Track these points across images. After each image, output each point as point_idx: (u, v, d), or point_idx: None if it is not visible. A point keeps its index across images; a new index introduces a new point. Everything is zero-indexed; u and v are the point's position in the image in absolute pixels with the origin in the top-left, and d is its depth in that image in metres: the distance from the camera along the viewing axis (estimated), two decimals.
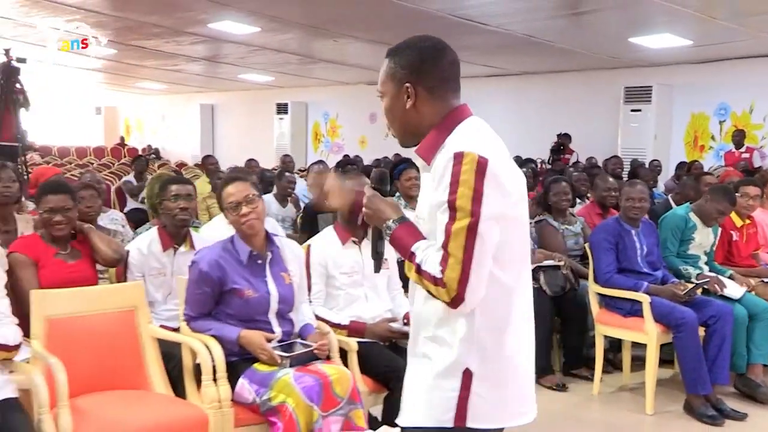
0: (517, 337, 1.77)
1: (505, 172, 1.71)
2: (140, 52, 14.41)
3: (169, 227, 3.67)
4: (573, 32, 9.87)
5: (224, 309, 3.05)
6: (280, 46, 12.78)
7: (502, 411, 1.77)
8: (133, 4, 10.27)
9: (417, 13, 9.12)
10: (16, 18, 12.06)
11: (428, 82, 1.80)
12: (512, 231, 1.74)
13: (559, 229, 5.12)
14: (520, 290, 1.79)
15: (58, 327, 2.90)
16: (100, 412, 2.71)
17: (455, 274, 1.64)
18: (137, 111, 23.60)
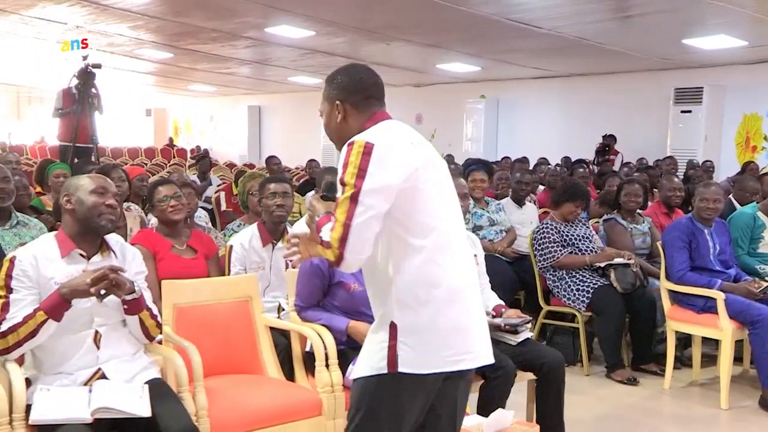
0: (444, 294, 2.03)
1: (396, 153, 2.02)
2: (195, 56, 14.80)
3: (268, 224, 3.92)
4: (625, 34, 9.94)
5: (331, 301, 3.28)
6: (331, 50, 13.02)
7: (430, 358, 2.03)
8: (194, 10, 10.58)
9: (472, 16, 9.30)
10: (83, 25, 12.51)
11: (353, 99, 2.17)
12: (413, 201, 2.02)
13: (627, 228, 5.27)
14: (443, 255, 2.05)
15: (183, 314, 3.15)
16: (226, 393, 2.94)
17: (337, 234, 1.96)
18: (186, 112, 24.10)
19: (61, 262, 2.66)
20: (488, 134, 14.64)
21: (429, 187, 2.08)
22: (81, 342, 2.66)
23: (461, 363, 2.07)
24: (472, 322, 2.11)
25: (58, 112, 8.81)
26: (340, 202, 1.99)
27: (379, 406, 2.08)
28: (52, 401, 2.44)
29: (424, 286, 2.03)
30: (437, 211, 2.09)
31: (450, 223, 2.13)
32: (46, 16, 12.05)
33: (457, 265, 2.10)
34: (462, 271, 2.11)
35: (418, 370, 2.02)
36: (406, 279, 2.03)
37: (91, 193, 2.68)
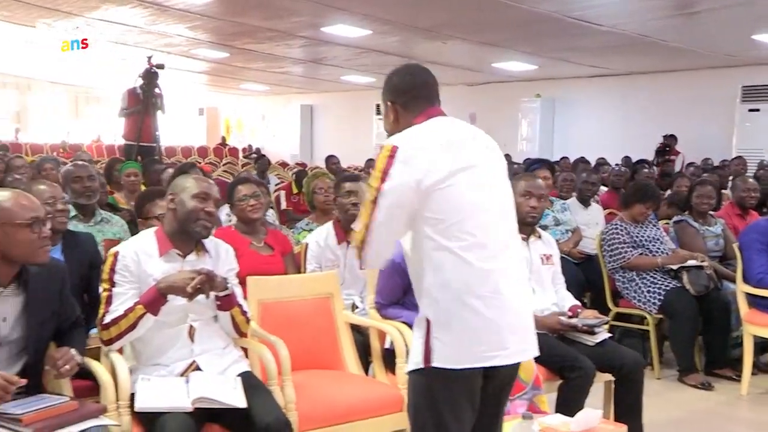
0: (477, 292, 2.06)
1: (421, 155, 2.06)
2: (250, 55, 14.98)
3: (343, 222, 3.96)
4: (689, 31, 9.76)
5: (412, 299, 3.26)
6: (385, 48, 13.06)
7: (462, 354, 2.06)
8: (253, 10, 10.71)
9: (532, 15, 9.23)
10: (142, 26, 12.79)
11: (402, 99, 2.24)
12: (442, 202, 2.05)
13: (699, 231, 5.17)
14: (478, 256, 2.07)
15: (268, 310, 3.21)
16: (311, 388, 2.98)
17: (360, 236, 2.08)
18: (237, 111, 24.40)
19: (159, 260, 2.74)
20: (544, 134, 14.52)
21: (462, 188, 2.09)
22: (177, 335, 2.73)
23: (495, 359, 2.10)
24: (510, 320, 2.12)
25: (124, 111, 9.04)
26: (365, 205, 2.09)
27: (423, 400, 2.14)
28: (154, 390, 2.52)
29: (456, 285, 2.06)
30: (472, 213, 2.10)
31: (489, 225, 2.12)
32: (109, 17, 12.36)
33: (496, 266, 2.10)
34: (501, 273, 2.11)
35: (451, 365, 2.07)
36: (439, 277, 2.08)
37: (193, 198, 2.74)
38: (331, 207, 4.77)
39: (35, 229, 2.34)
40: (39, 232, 2.35)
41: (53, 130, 22.44)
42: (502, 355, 2.10)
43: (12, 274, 2.40)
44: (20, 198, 2.37)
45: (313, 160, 19.66)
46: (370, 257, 2.07)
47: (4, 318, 2.39)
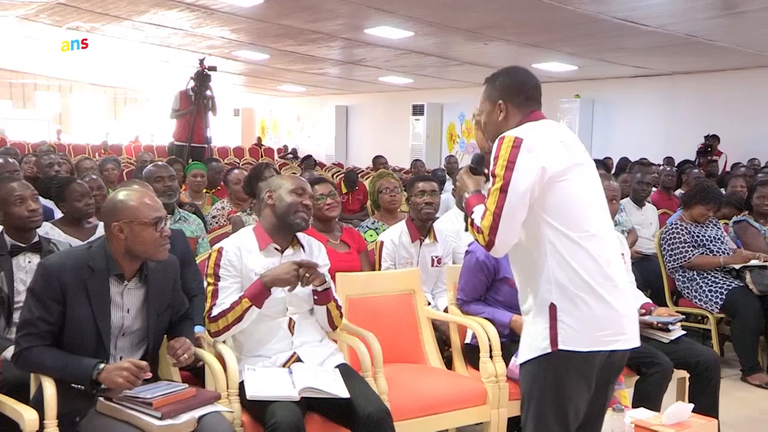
0: (599, 280, 2.18)
1: (543, 148, 2.16)
2: (290, 57, 15.16)
3: (416, 221, 4.06)
4: (738, 30, 9.71)
5: (494, 295, 3.39)
6: (426, 50, 13.15)
7: (587, 336, 2.17)
8: (299, 12, 10.85)
9: (578, 16, 9.26)
10: (188, 29, 13.03)
11: (514, 99, 2.33)
12: (562, 195, 2.17)
13: (760, 231, 5.20)
14: (596, 246, 2.19)
15: (354, 305, 3.32)
16: (399, 380, 3.08)
17: (488, 222, 2.16)
18: (273, 112, 24.65)
19: (260, 255, 2.88)
20: (583, 134, 14.45)
21: (576, 185, 2.21)
22: (278, 328, 2.86)
23: (616, 343, 2.21)
24: (624, 308, 2.24)
25: (175, 113, 9.21)
26: (491, 192, 2.18)
27: (545, 386, 2.22)
28: (261, 380, 2.64)
29: (582, 273, 2.17)
30: (587, 206, 2.24)
31: (598, 220, 2.26)
32: (156, 21, 12.61)
33: (610, 257, 2.24)
34: (614, 263, 2.25)
35: (577, 348, 2.17)
36: (564, 265, 2.18)
37: (291, 193, 2.88)
38: (397, 206, 4.90)
39: (158, 228, 2.47)
40: (161, 230, 2.48)
41: (92, 131, 22.89)
42: (622, 339, 2.22)
43: (135, 268, 2.54)
44: (145, 198, 2.51)
45: (348, 160, 19.82)
46: (500, 243, 2.16)
47: (128, 309, 2.53)
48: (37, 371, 2.43)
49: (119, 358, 2.51)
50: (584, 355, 2.18)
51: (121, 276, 2.51)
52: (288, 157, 19.35)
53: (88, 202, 3.86)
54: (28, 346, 2.40)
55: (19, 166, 5.06)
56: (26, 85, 23.65)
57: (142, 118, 25.44)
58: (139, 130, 23.82)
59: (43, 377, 2.39)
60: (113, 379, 2.33)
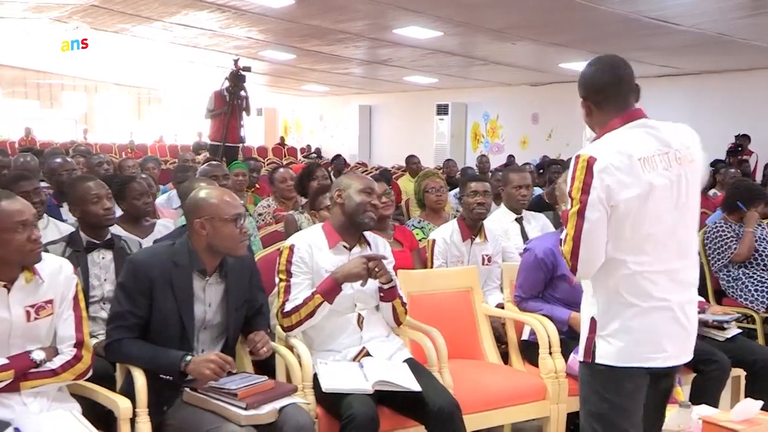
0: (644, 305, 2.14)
1: (612, 172, 2.08)
2: (316, 57, 15.23)
3: (468, 220, 4.12)
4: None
5: (552, 293, 3.44)
6: (452, 49, 13.18)
7: (625, 354, 2.17)
8: (328, 12, 10.91)
9: (610, 15, 9.26)
10: (216, 29, 13.14)
11: (593, 98, 2.25)
12: (625, 219, 2.10)
13: None
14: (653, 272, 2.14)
15: (415, 302, 3.37)
16: (462, 375, 3.13)
17: (569, 248, 2.13)
18: (295, 112, 24.77)
19: (329, 253, 2.95)
20: None
21: (647, 206, 2.13)
22: (347, 323, 2.93)
23: (653, 361, 2.19)
24: (672, 329, 2.20)
25: (210, 113, 9.31)
26: (570, 216, 2.15)
27: (587, 394, 2.28)
28: (335, 373, 2.71)
29: (626, 297, 2.16)
30: (650, 231, 2.15)
31: (668, 242, 2.17)
32: (186, 21, 12.73)
33: (670, 284, 2.18)
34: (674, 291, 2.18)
35: (611, 363, 2.19)
36: (610, 286, 2.18)
37: (360, 192, 2.95)
38: (443, 205, 4.95)
39: (237, 224, 2.55)
40: (241, 227, 2.56)
41: (117, 131, 23.14)
42: (660, 357, 2.20)
43: (216, 264, 2.62)
44: (225, 196, 2.60)
45: (371, 160, 19.88)
46: (582, 268, 2.13)
47: (210, 304, 2.61)
48: (127, 362, 2.52)
49: (201, 351, 2.59)
50: (618, 369, 2.18)
51: (203, 271, 2.59)
52: (312, 156, 19.44)
53: (146, 201, 3.95)
54: (119, 338, 2.49)
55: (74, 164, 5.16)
56: (53, 85, 23.93)
57: (166, 117, 25.66)
58: (163, 130, 24.03)
59: (132, 368, 2.48)
60: (201, 371, 2.41)
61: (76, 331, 2.42)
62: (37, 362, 2.33)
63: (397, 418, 2.78)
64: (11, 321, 2.30)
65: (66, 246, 3.07)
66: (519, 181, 4.44)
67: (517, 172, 4.58)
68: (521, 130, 16.78)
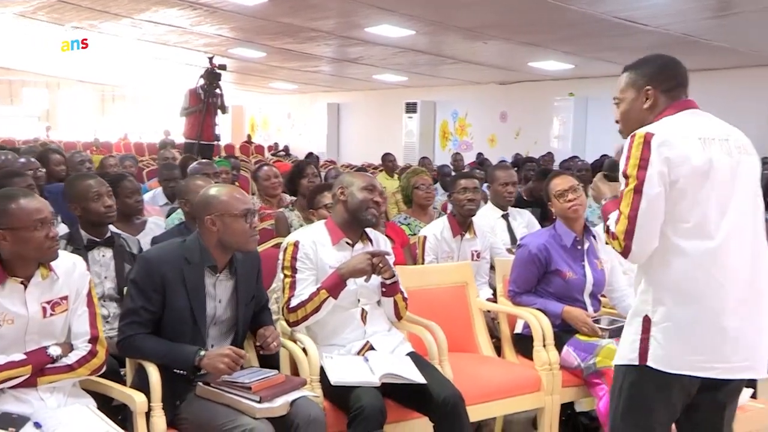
0: (700, 299, 2.01)
1: (672, 146, 2.02)
2: (287, 55, 15.19)
3: (458, 216, 4.20)
4: (734, 31, 9.93)
5: (545, 287, 3.52)
6: (423, 48, 13.27)
7: (681, 359, 2.03)
8: (302, 11, 10.89)
9: (580, 15, 9.41)
10: (187, 27, 13.04)
11: (664, 86, 2.23)
12: (684, 199, 2.01)
13: None
14: (712, 261, 2.02)
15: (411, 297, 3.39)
16: (460, 368, 3.20)
17: (623, 227, 2.02)
18: (263, 110, 24.67)
19: (332, 249, 3.00)
20: (577, 133, 14.70)
21: (706, 187, 2.03)
22: (351, 318, 2.98)
23: (711, 371, 2.05)
24: (739, 333, 2.04)
25: (185, 111, 9.25)
26: (624, 195, 2.04)
27: (629, 395, 2.14)
28: (342, 367, 2.76)
29: (686, 289, 2.03)
30: (711, 215, 2.03)
31: (727, 229, 2.04)
32: (156, 19, 12.61)
33: (731, 275, 2.04)
34: (736, 282, 2.05)
35: (664, 368, 2.05)
36: (667, 278, 2.04)
37: (362, 190, 3.00)
38: (431, 202, 5.02)
39: (247, 220, 2.58)
40: (251, 222, 2.59)
41: (80, 128, 22.78)
42: (720, 368, 2.05)
43: (226, 260, 2.65)
44: (234, 192, 2.64)
45: (340, 158, 19.89)
46: (638, 248, 2.01)
47: (220, 300, 2.65)
48: (141, 357, 2.54)
49: (210, 347, 2.62)
50: (671, 376, 2.05)
51: (214, 268, 2.62)
52: (280, 154, 19.41)
53: (138, 199, 3.95)
54: (132, 334, 2.51)
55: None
56: (13, 82, 23.46)
57: (131, 115, 25.35)
58: (128, 127, 23.74)
59: (146, 363, 2.51)
60: (215, 365, 2.45)
61: (91, 327, 2.44)
62: (54, 357, 2.35)
63: (402, 411, 2.84)
64: (28, 317, 2.31)
65: (66, 244, 3.07)
66: (505, 179, 4.55)
67: (504, 170, 4.68)
68: (490, 128, 16.95)
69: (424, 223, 4.75)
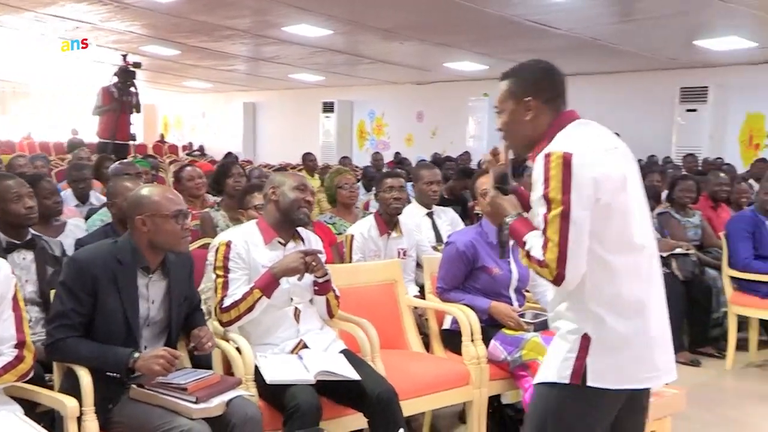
0: (635, 311, 2.00)
1: (592, 165, 1.94)
2: (202, 53, 14.91)
3: (384, 215, 4.25)
4: (636, 35, 10.38)
5: (473, 283, 3.61)
6: (340, 47, 13.30)
7: (618, 374, 2.00)
8: (219, 9, 10.73)
9: (495, 18, 9.67)
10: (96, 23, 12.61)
11: (545, 96, 2.10)
12: (609, 217, 1.96)
13: (681, 222, 5.68)
14: (635, 272, 2.01)
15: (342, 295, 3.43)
16: (391, 364, 3.23)
17: (553, 255, 1.92)
18: (175, 109, 24.14)
19: (265, 248, 3.01)
20: (491, 132, 15.00)
21: (627, 199, 2.01)
22: (284, 317, 2.99)
23: (650, 381, 2.08)
24: (661, 338, 2.08)
25: (98, 109, 8.99)
26: (550, 220, 1.94)
27: (561, 415, 2.06)
28: (276, 366, 2.76)
29: (623, 303, 2.00)
30: (634, 225, 2.02)
31: (644, 238, 2.06)
32: (62, 13, 12.13)
33: (649, 283, 2.07)
34: (652, 290, 2.08)
35: (606, 385, 2.01)
36: (604, 294, 2.00)
37: (294, 189, 3.01)
38: (354, 202, 5.06)
39: (179, 221, 2.55)
40: (182, 223, 2.56)
41: None
42: (655, 376, 2.08)
43: (158, 261, 2.61)
44: (167, 193, 2.60)
45: (256, 157, 19.69)
46: (571, 275, 1.94)
47: (153, 300, 2.61)
48: (72, 361, 2.47)
49: (144, 348, 2.57)
50: (610, 392, 2.02)
51: (147, 268, 2.59)
52: (195, 154, 19.06)
53: (57, 200, 3.83)
54: (62, 337, 2.44)
55: None
56: None
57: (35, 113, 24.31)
58: (32, 126, 22.76)
59: (77, 367, 2.45)
60: (150, 366, 2.41)
61: (17, 332, 2.36)
62: None
63: (337, 407, 2.87)
64: None
65: None
66: (430, 177, 4.63)
67: (428, 169, 4.76)
68: (406, 127, 17.14)
69: (348, 222, 4.79)
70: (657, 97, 12.31)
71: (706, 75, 11.66)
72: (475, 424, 3.37)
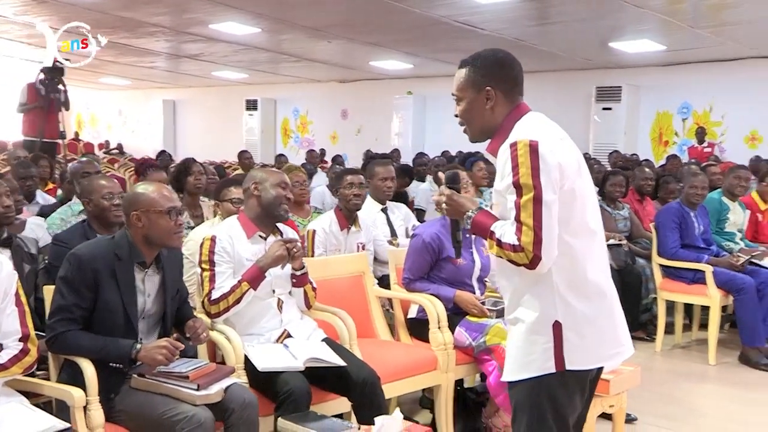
0: (597, 293, 2.10)
1: (556, 152, 2.01)
2: (122, 49, 14.55)
3: (344, 211, 4.38)
4: (555, 37, 10.88)
5: (438, 273, 3.78)
6: (268, 46, 13.27)
7: (593, 353, 2.10)
8: (144, 6, 10.57)
9: (422, 18, 9.91)
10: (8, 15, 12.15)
11: (504, 86, 2.15)
12: (572, 202, 2.04)
13: (611, 214, 6.04)
14: (594, 255, 2.10)
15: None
16: (364, 351, 3.36)
17: (529, 238, 1.96)
18: (90, 106, 23.42)
19: (247, 242, 3.11)
20: (416, 129, 15.32)
21: (583, 185, 2.10)
22: (268, 307, 3.10)
23: (617, 356, 2.19)
24: (620, 315, 2.19)
25: (23, 107, 8.70)
26: (523, 205, 1.98)
27: (547, 405, 2.10)
28: (265, 354, 2.87)
29: (587, 285, 2.07)
30: (589, 210, 2.11)
31: (597, 224, 2.15)
32: None
33: (604, 265, 2.16)
34: (607, 272, 2.17)
35: (582, 366, 2.09)
36: (568, 278, 2.05)
37: (276, 186, 3.12)
38: (306, 199, 5.17)
39: (172, 217, 2.63)
40: (175, 219, 2.64)
41: None
42: (621, 351, 2.18)
43: (153, 256, 2.68)
44: (161, 189, 2.67)
45: (177, 155, 19.36)
46: (546, 257, 1.98)
47: (149, 294, 2.67)
48: (75, 353, 2.52)
49: (140, 340, 2.64)
50: (587, 372, 2.14)
51: (143, 263, 2.65)
52: (113, 152, 18.60)
53: (17, 198, 3.79)
54: (64, 330, 2.49)
55: None
56: None
57: None
58: None
59: (79, 359, 2.50)
60: (153, 356, 2.49)
61: (21, 326, 2.40)
62: None
63: (324, 394, 3.00)
64: None
65: None
66: (384, 174, 4.79)
67: (383, 166, 4.91)
68: (331, 125, 17.25)
69: (301, 218, 4.90)
70: (575, 96, 12.88)
71: (620, 75, 12.30)
72: (443, 406, 3.55)
